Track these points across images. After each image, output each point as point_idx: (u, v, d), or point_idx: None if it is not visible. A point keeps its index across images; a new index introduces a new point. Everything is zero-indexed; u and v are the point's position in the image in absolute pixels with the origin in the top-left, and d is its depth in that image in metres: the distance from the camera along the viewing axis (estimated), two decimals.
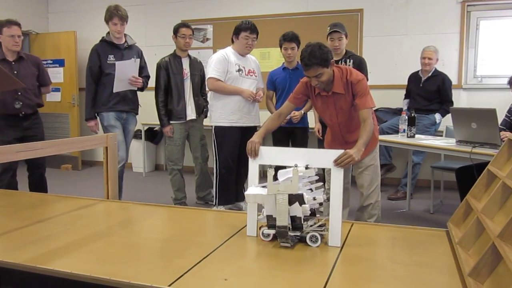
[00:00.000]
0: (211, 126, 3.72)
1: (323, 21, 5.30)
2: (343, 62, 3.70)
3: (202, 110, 4.03)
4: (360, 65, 3.64)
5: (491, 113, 2.85)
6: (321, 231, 1.76)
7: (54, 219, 2.21)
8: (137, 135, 6.09)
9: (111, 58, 3.61)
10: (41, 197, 2.77)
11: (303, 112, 3.86)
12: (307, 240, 1.72)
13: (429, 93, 4.50)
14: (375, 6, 5.26)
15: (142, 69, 3.80)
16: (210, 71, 3.61)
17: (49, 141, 2.45)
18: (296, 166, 1.74)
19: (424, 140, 3.61)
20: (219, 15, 5.89)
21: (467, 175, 2.91)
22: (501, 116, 3.16)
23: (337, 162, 1.90)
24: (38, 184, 3.69)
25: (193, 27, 3.61)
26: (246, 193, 1.88)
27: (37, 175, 3.72)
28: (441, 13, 5.04)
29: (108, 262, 1.59)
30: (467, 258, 1.52)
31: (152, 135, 6.24)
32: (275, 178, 1.78)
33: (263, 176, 1.86)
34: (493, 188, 1.66)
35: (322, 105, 2.67)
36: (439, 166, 4.11)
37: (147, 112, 4.53)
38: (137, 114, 3.86)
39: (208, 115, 3.84)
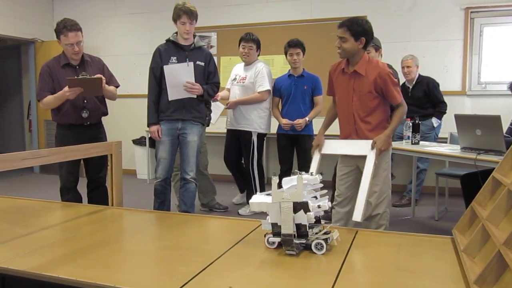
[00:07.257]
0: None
1: (326, 28, 5.32)
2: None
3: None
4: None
5: (496, 120, 2.85)
6: (326, 238, 1.75)
7: (59, 226, 2.22)
8: (141, 142, 6.12)
9: (173, 59, 3.29)
10: (46, 204, 2.78)
11: (307, 119, 3.86)
12: (312, 248, 1.71)
13: (418, 100, 4.52)
14: (379, 13, 5.28)
15: (210, 74, 3.40)
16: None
17: (54, 148, 2.46)
18: (300, 174, 1.75)
19: (429, 147, 3.61)
20: (223, 22, 5.93)
21: (472, 182, 2.90)
22: (505, 123, 3.15)
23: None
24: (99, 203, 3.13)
25: (197, 34, 3.59)
26: (250, 201, 1.88)
27: (98, 193, 3.31)
28: (444, 19, 5.05)
29: (113, 269, 1.59)
30: (473, 266, 1.51)
31: None
32: (280, 186, 1.78)
33: (267, 184, 1.86)
34: (498, 195, 1.66)
35: (341, 87, 2.71)
36: (444, 173, 4.10)
37: None
38: (202, 124, 3.43)
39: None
